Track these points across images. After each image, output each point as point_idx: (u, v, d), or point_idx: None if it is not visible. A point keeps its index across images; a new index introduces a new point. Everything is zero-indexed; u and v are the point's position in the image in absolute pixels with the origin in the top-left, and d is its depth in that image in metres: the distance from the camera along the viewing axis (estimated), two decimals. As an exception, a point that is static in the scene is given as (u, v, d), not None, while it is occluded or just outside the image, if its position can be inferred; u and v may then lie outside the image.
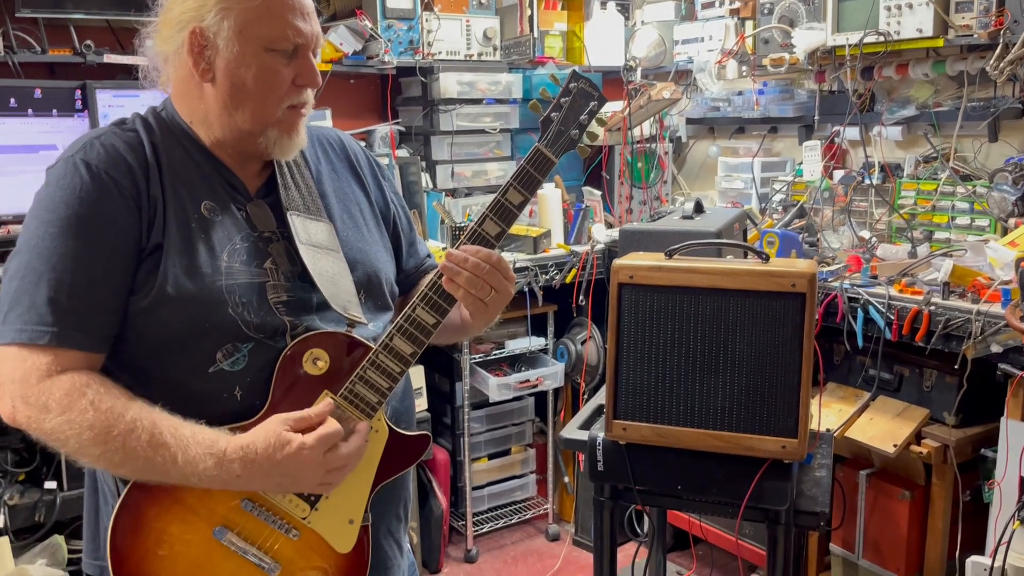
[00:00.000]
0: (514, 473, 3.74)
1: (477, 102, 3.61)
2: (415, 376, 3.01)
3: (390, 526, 1.53)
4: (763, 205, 3.50)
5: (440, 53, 3.54)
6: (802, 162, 3.44)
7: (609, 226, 3.73)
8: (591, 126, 1.45)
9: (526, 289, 3.34)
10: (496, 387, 3.44)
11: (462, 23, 3.59)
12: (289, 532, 1.36)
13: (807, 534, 2.73)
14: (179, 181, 1.37)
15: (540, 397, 3.75)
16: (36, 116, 2.79)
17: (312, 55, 1.40)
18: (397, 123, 3.62)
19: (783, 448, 1.76)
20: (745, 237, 2.94)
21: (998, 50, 2.67)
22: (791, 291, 1.75)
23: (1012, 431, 2.23)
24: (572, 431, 2.03)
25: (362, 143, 3.40)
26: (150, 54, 1.42)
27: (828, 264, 2.89)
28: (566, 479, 3.81)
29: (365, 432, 1.36)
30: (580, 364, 3.58)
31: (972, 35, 2.74)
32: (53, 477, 2.65)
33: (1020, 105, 2.88)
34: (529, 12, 3.73)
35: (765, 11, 3.33)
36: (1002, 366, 2.27)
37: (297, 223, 1.42)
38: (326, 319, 1.40)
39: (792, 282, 1.75)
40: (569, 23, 3.96)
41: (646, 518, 2.74)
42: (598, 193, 3.77)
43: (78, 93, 2.86)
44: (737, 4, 3.58)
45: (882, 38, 2.91)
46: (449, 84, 3.50)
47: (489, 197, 3.58)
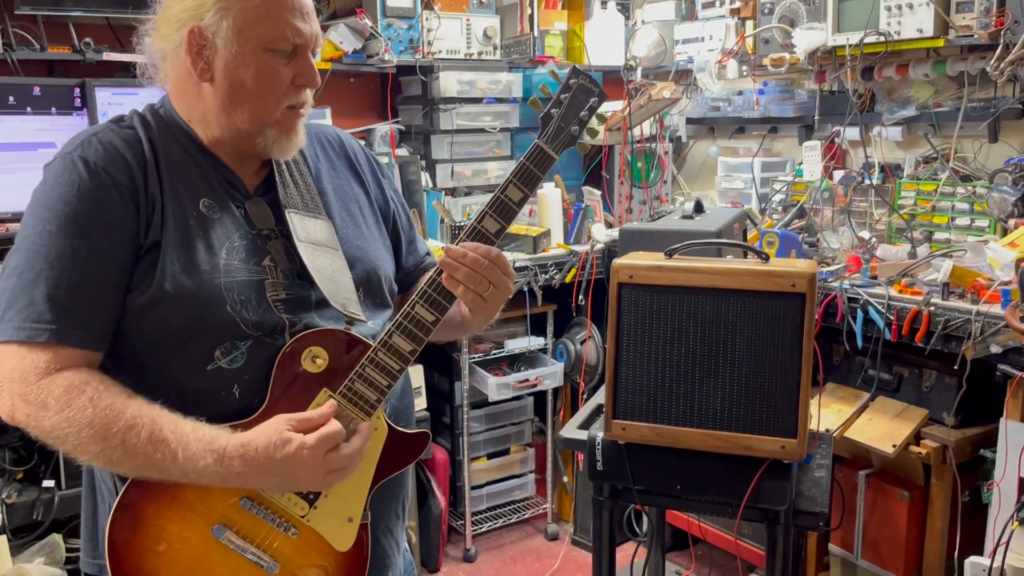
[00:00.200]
0: (513, 473, 3.74)
1: (477, 101, 3.61)
2: (414, 375, 3.01)
3: (389, 524, 1.53)
4: (763, 205, 3.50)
5: (440, 52, 3.54)
6: (802, 162, 3.44)
7: (609, 226, 3.72)
8: (591, 122, 1.44)
9: (525, 289, 3.33)
10: (495, 387, 3.44)
11: (462, 22, 3.59)
12: (288, 530, 1.36)
13: (806, 534, 2.73)
14: (177, 179, 1.36)
15: (539, 397, 3.75)
16: (35, 114, 2.78)
17: (311, 55, 1.39)
18: (397, 122, 3.62)
19: (782, 448, 1.76)
20: (745, 237, 2.94)
21: (998, 51, 2.66)
22: (791, 291, 1.75)
23: (1011, 432, 2.23)
24: (571, 431, 2.03)
25: (362, 142, 3.40)
26: (149, 51, 1.42)
27: (828, 264, 2.89)
28: (565, 479, 3.81)
29: (366, 433, 1.35)
30: (579, 364, 3.58)
31: (972, 35, 2.74)
32: (51, 476, 2.64)
33: (1020, 106, 2.88)
34: (529, 11, 3.73)
35: (765, 11, 3.33)
36: (1001, 367, 2.26)
37: (296, 221, 1.41)
38: (325, 316, 1.40)
39: (792, 282, 1.75)
40: (569, 22, 3.96)
41: (645, 518, 2.73)
42: (598, 193, 3.77)
43: (77, 91, 2.85)
44: (737, 4, 3.58)
45: (882, 38, 2.91)
46: (449, 83, 3.50)
47: (489, 196, 3.60)
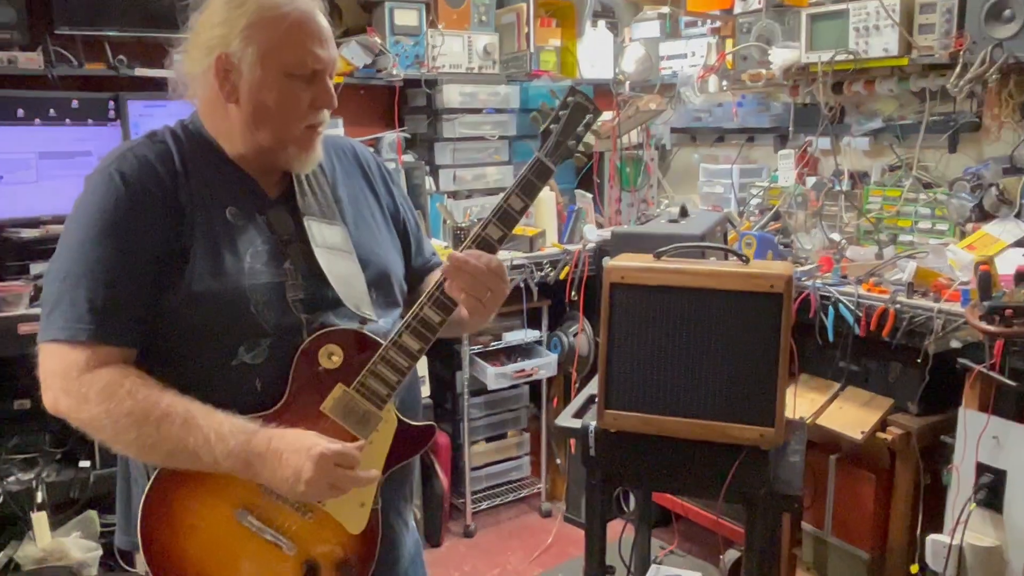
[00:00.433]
0: (510, 455, 3.74)
1: (477, 111, 3.61)
2: (419, 365, 3.01)
3: (398, 507, 1.54)
4: (741, 209, 3.49)
5: (444, 66, 3.54)
6: (777, 169, 3.44)
7: (600, 226, 3.73)
8: (586, 137, 1.45)
9: (522, 285, 3.34)
10: (494, 376, 3.44)
11: (464, 39, 3.58)
12: (305, 514, 1.36)
13: (781, 513, 2.73)
14: (205, 189, 1.37)
15: (534, 385, 3.75)
16: (73, 125, 2.78)
17: (329, 78, 1.40)
18: (404, 131, 3.61)
19: (761, 436, 1.77)
20: (725, 239, 2.94)
21: (958, 69, 2.67)
22: (769, 291, 1.76)
23: (969, 420, 2.24)
24: (566, 419, 2.03)
25: (372, 149, 3.41)
26: (179, 70, 1.42)
27: (801, 264, 2.89)
28: (558, 461, 3.81)
29: (366, 477, 1.35)
30: (572, 355, 3.58)
31: (934, 55, 2.74)
32: (87, 457, 2.66)
33: (977, 120, 2.89)
34: (526, 29, 3.72)
35: (744, 30, 3.32)
36: (961, 360, 2.27)
37: (314, 227, 1.42)
38: (340, 316, 1.40)
39: (771, 283, 1.76)
40: (563, 39, 3.95)
41: (633, 498, 2.74)
42: (589, 196, 3.78)
43: (111, 103, 2.85)
44: (718, 24, 3.58)
45: (851, 57, 2.91)
46: (452, 95, 3.50)
47: (488, 199, 3.65)
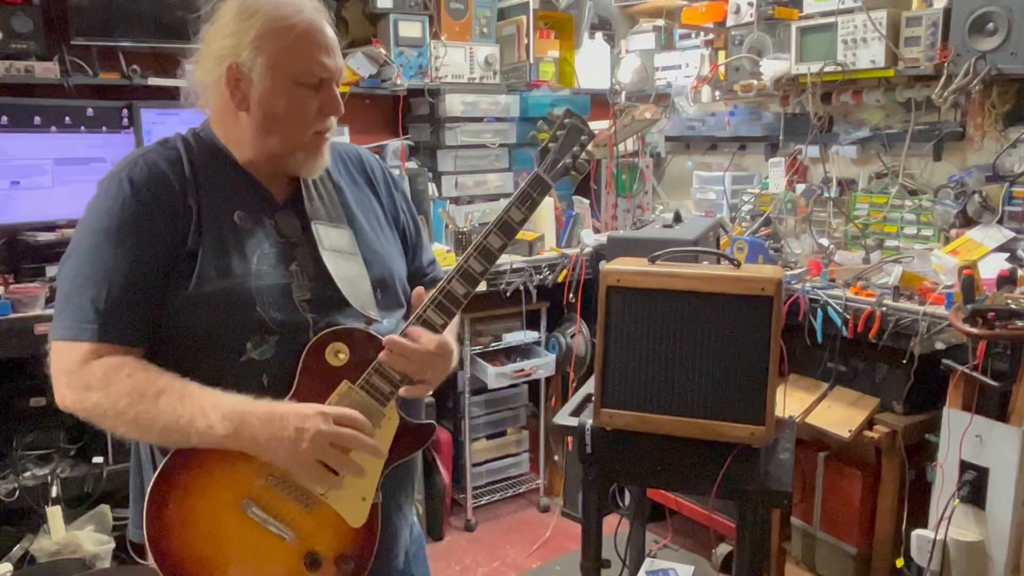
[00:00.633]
0: (509, 452, 3.74)
1: (479, 120, 3.60)
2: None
3: (400, 502, 1.52)
4: (733, 214, 3.49)
5: (446, 77, 3.53)
6: (768, 176, 3.44)
7: (597, 231, 3.73)
8: (581, 156, 1.47)
9: (522, 288, 3.34)
10: (494, 375, 3.44)
11: (466, 50, 3.58)
12: (308, 506, 1.35)
13: (771, 509, 2.73)
14: (214, 194, 1.37)
15: (533, 384, 3.75)
16: (88, 132, 2.78)
17: (336, 87, 1.40)
18: (407, 138, 3.61)
19: (752, 434, 1.77)
20: (718, 243, 2.94)
21: (942, 80, 2.67)
22: (760, 295, 1.75)
23: (953, 419, 2.23)
24: (564, 417, 2.02)
25: (377, 156, 3.41)
26: (191, 79, 1.42)
27: (791, 268, 2.89)
28: (556, 458, 3.81)
29: (374, 441, 1.33)
30: (570, 355, 3.58)
31: (919, 67, 2.74)
32: (101, 453, 2.65)
33: (961, 129, 2.89)
34: (526, 41, 3.72)
35: (736, 42, 3.32)
36: (945, 361, 2.27)
37: (320, 231, 1.42)
38: (346, 316, 1.40)
39: (761, 287, 1.75)
40: (561, 51, 3.95)
41: (628, 493, 2.73)
42: (587, 202, 3.77)
43: (125, 112, 2.85)
44: (711, 36, 3.58)
45: (840, 68, 2.91)
46: (454, 104, 3.50)
47: (489, 205, 3.64)
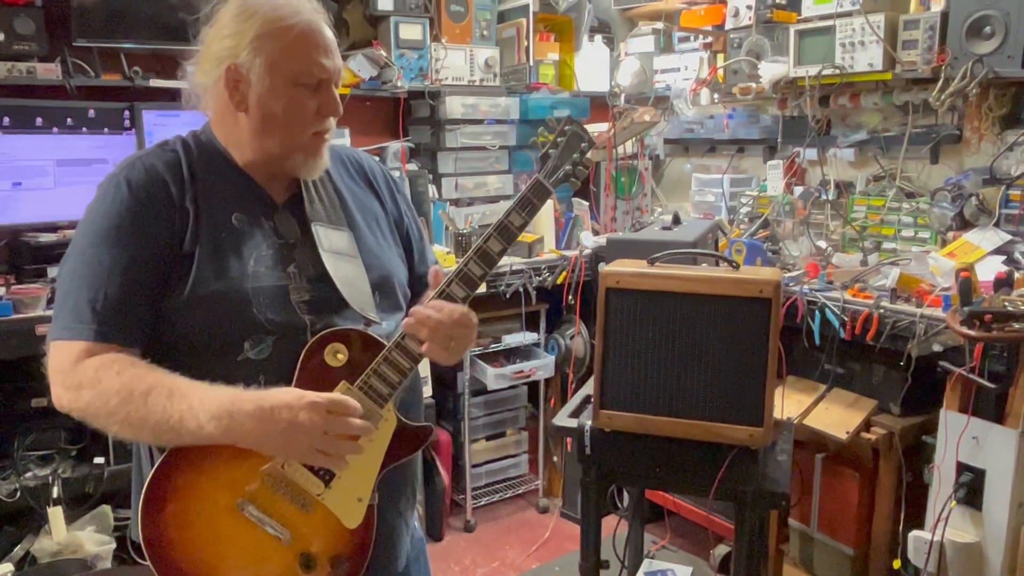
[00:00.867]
0: (508, 453, 3.73)
1: (479, 122, 3.60)
2: (422, 366, 3.01)
3: (399, 506, 1.52)
4: (731, 217, 3.49)
5: (446, 79, 3.53)
6: (766, 179, 3.44)
7: (596, 233, 3.72)
8: (581, 163, 1.47)
9: (521, 289, 3.33)
10: (493, 377, 3.43)
11: (466, 53, 3.58)
12: (304, 506, 1.35)
13: (769, 510, 2.72)
14: (212, 196, 1.36)
15: (532, 386, 3.74)
16: (89, 133, 2.77)
17: (334, 87, 1.40)
18: (408, 140, 3.60)
19: (750, 436, 1.77)
20: (716, 245, 2.94)
21: (939, 83, 2.67)
22: (759, 297, 1.75)
23: (950, 421, 2.23)
24: (563, 419, 2.02)
25: (377, 158, 3.40)
26: (191, 81, 1.42)
27: (789, 270, 2.89)
28: (555, 459, 3.81)
29: (366, 422, 1.33)
30: (569, 356, 3.58)
31: (916, 70, 2.74)
32: (102, 453, 2.64)
33: (958, 132, 2.89)
34: (526, 43, 3.71)
35: (735, 45, 3.32)
36: (942, 363, 2.27)
37: (320, 233, 1.41)
38: (344, 318, 1.39)
39: (760, 289, 1.75)
40: (561, 53, 3.95)
41: (626, 494, 2.73)
42: (586, 204, 3.77)
43: (127, 113, 2.84)
44: (710, 39, 3.58)
45: (837, 71, 2.91)
46: (454, 106, 3.49)
47: (489, 206, 3.64)
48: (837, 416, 2.59)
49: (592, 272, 3.37)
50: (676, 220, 2.76)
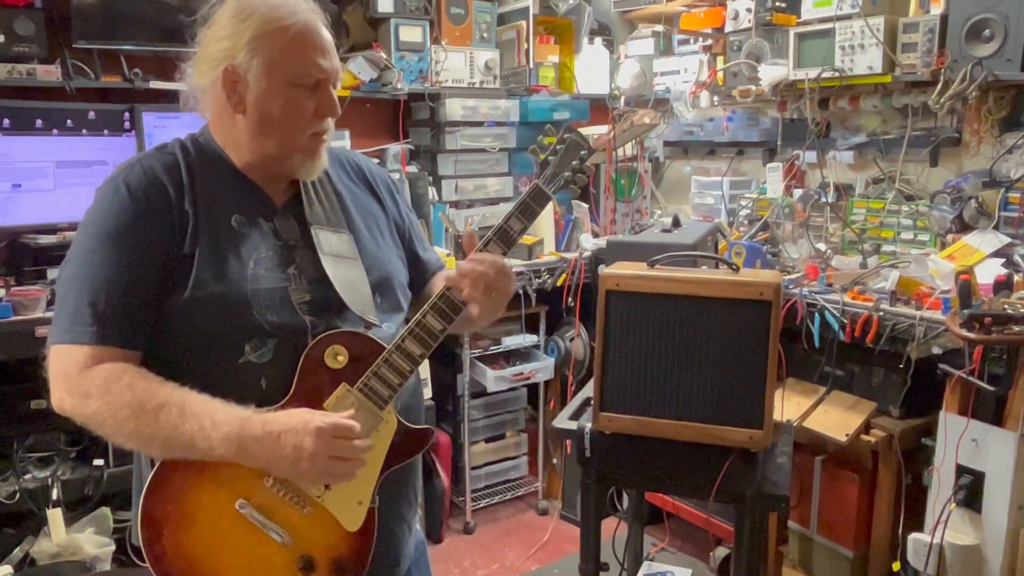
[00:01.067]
0: (508, 455, 3.73)
1: (479, 124, 3.60)
2: (422, 368, 3.01)
3: (401, 509, 1.51)
4: (731, 219, 3.49)
5: (446, 81, 3.53)
6: (766, 181, 3.44)
7: (595, 235, 3.72)
8: (580, 170, 1.49)
9: (521, 291, 3.33)
10: (493, 379, 3.43)
11: (466, 55, 3.58)
12: (304, 509, 1.34)
13: (769, 512, 2.72)
14: (211, 198, 1.36)
15: (532, 388, 3.74)
16: (89, 135, 2.77)
17: (332, 88, 1.39)
18: (408, 142, 3.60)
19: (750, 438, 1.76)
20: (716, 248, 2.93)
21: (939, 86, 2.67)
22: (759, 299, 1.75)
23: (949, 423, 2.23)
24: (563, 421, 2.02)
25: (376, 160, 3.41)
26: (189, 83, 1.41)
27: (788, 273, 2.89)
28: (555, 461, 3.80)
29: (369, 442, 1.34)
30: (568, 359, 3.57)
31: (916, 73, 2.73)
32: (101, 455, 2.63)
33: (957, 135, 2.89)
34: (526, 46, 3.71)
35: (734, 48, 3.32)
36: (941, 366, 2.27)
37: (320, 235, 1.41)
38: (345, 320, 1.39)
39: (760, 291, 1.75)
40: (561, 56, 3.95)
41: (626, 496, 2.73)
42: (586, 206, 3.77)
43: (126, 115, 2.84)
44: (710, 42, 3.57)
45: (837, 74, 2.91)
46: (454, 108, 3.49)
47: (489, 209, 3.63)
48: (837, 418, 2.59)
49: (592, 274, 3.37)
50: (676, 222, 2.76)
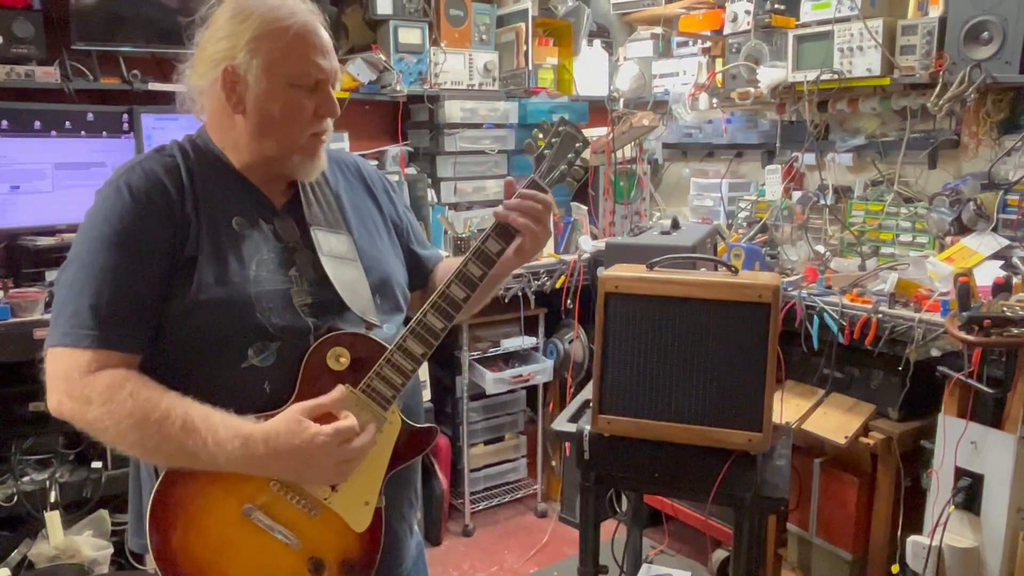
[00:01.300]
0: (507, 457, 3.73)
1: (478, 126, 3.60)
2: (420, 370, 3.01)
3: (402, 510, 1.52)
4: (730, 221, 3.49)
5: (445, 83, 3.53)
6: (765, 183, 3.44)
7: (594, 238, 3.72)
8: (576, 163, 1.49)
9: (520, 293, 3.33)
10: (492, 381, 3.43)
11: (465, 57, 3.58)
12: (311, 511, 1.34)
13: (768, 515, 2.72)
14: (211, 200, 1.36)
15: (531, 390, 3.74)
16: (88, 137, 2.76)
17: (331, 88, 1.39)
18: (407, 144, 3.60)
19: (749, 441, 1.76)
20: (715, 250, 2.93)
21: (937, 88, 2.67)
22: (758, 301, 1.75)
23: (948, 426, 2.23)
24: (562, 424, 2.01)
25: (375, 162, 3.40)
26: (188, 85, 1.41)
27: (787, 275, 2.89)
28: (553, 463, 3.80)
29: (372, 432, 1.34)
30: (567, 361, 3.57)
31: (915, 75, 2.74)
32: (99, 458, 2.63)
33: (956, 137, 2.90)
34: (525, 47, 3.72)
35: (733, 50, 3.32)
36: (940, 368, 2.27)
37: (320, 237, 1.41)
38: (346, 321, 1.39)
39: (759, 294, 1.75)
40: (560, 58, 3.95)
41: (625, 499, 2.72)
42: (585, 208, 3.77)
43: (125, 117, 2.83)
44: (708, 44, 3.58)
45: (836, 76, 2.91)
46: (453, 110, 3.49)
47: (488, 211, 3.62)
48: (835, 421, 2.59)
49: (591, 276, 3.36)
50: (675, 225, 2.76)
